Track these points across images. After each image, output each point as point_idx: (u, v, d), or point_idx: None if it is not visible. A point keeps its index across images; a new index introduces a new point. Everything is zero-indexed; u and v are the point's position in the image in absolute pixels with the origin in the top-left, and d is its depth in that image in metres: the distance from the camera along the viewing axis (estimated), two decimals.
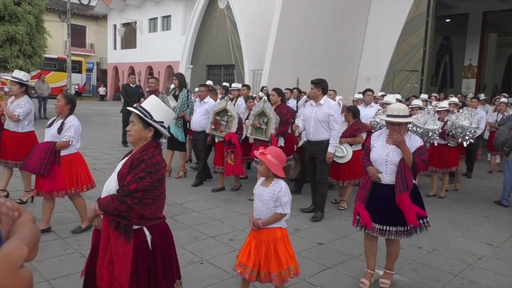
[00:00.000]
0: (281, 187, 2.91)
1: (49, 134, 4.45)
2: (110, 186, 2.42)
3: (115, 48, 29.20)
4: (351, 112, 6.07)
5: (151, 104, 2.51)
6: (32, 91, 17.88)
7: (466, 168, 8.78)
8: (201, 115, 6.87)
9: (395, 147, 3.44)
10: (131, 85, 10.11)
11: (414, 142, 3.49)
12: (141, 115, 2.43)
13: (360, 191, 3.62)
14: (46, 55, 16.62)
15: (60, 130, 4.39)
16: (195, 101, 7.37)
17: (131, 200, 2.25)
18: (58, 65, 25.71)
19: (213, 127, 6.57)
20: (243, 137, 6.58)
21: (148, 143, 2.45)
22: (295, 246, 4.50)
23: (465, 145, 6.63)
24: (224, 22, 16.97)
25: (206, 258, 4.10)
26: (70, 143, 4.43)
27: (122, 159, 2.55)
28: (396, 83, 13.87)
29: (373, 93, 7.85)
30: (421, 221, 3.53)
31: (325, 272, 3.96)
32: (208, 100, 6.96)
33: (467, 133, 6.42)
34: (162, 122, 2.50)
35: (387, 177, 3.49)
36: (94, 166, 7.65)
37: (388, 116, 3.46)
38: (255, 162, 6.09)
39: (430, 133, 6.17)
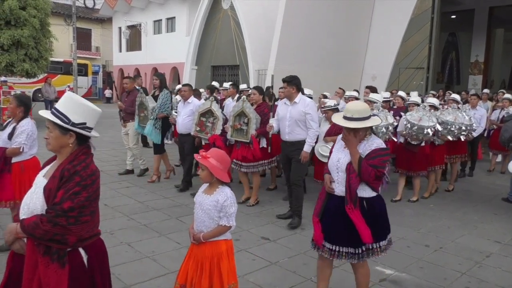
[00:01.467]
0: (227, 195, 2.59)
1: (0, 139, 4.07)
2: (33, 204, 2.01)
3: (120, 51, 29.37)
4: (337, 110, 5.84)
5: (66, 104, 2.09)
6: (39, 95, 18.04)
7: (462, 168, 8.50)
8: (186, 116, 6.51)
9: (348, 151, 2.96)
10: (137, 87, 10.11)
11: (370, 144, 2.92)
12: (54, 120, 2.04)
13: (317, 202, 3.16)
14: (52, 59, 16.72)
15: (11, 135, 4.01)
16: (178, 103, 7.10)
17: (66, 220, 1.89)
18: (64, 68, 25.87)
19: (198, 128, 6.30)
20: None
21: (77, 150, 2.08)
22: (302, 245, 4.52)
23: (462, 139, 6.48)
24: (228, 22, 16.98)
25: None
26: (21, 150, 4.02)
27: (42, 168, 2.20)
28: (401, 81, 13.79)
29: (371, 90, 7.68)
30: (373, 245, 2.95)
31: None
32: (192, 100, 6.62)
33: (453, 129, 6.25)
34: (84, 124, 2.10)
35: (339, 187, 2.98)
36: (101, 168, 7.68)
37: (344, 118, 2.94)
38: (238, 166, 5.94)
39: (425, 130, 5.96)
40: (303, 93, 5.29)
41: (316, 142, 5.35)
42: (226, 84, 9.02)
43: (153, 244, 4.39)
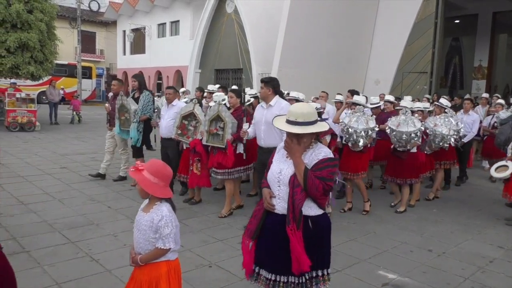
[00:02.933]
0: (162, 215, 2.33)
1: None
2: None
3: (124, 54, 29.53)
4: (320, 114, 5.45)
5: None
6: (43, 97, 18.17)
7: (458, 176, 8.14)
8: (170, 120, 6.20)
9: (291, 162, 2.52)
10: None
11: (317, 153, 2.50)
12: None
13: (250, 221, 2.69)
14: (57, 61, 16.85)
15: None
16: (162, 105, 6.85)
17: None
18: (69, 71, 26.01)
19: (179, 132, 6.00)
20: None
21: None
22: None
23: (452, 144, 6.34)
24: (232, 26, 17.04)
25: (215, 261, 4.12)
26: None
27: None
28: (405, 85, 13.80)
29: (352, 94, 7.42)
30: (318, 272, 2.53)
31: (334, 275, 3.94)
32: (177, 103, 6.33)
33: (447, 140, 6.16)
34: None
35: (280, 203, 2.51)
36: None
37: (287, 121, 2.52)
38: (214, 173, 5.63)
39: (404, 136, 5.66)
40: (281, 96, 5.08)
41: None
42: (213, 87, 8.47)
43: None
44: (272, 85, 4.83)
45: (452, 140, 6.23)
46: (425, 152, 6.27)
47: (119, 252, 4.24)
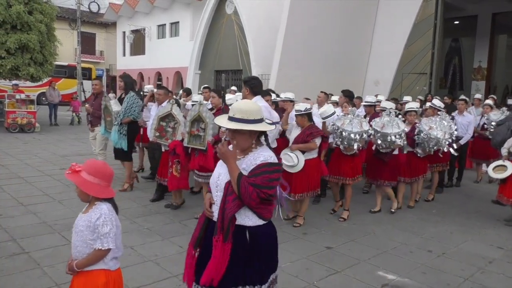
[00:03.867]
0: (100, 212, 2.19)
1: None
2: None
3: (124, 55, 29.55)
4: (306, 115, 5.18)
5: None
6: (43, 98, 18.18)
7: (448, 178, 7.96)
8: None
9: (239, 163, 2.30)
10: (141, 92, 10.03)
11: (256, 157, 2.26)
12: None
13: (195, 229, 2.48)
14: (57, 63, 16.87)
15: None
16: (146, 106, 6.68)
17: None
18: (69, 72, 26.01)
19: (157, 133, 5.84)
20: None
21: None
22: (304, 250, 4.53)
23: (445, 150, 6.12)
24: (232, 27, 17.05)
25: None
26: None
27: None
28: (404, 86, 13.81)
29: (345, 95, 7.08)
30: None
31: (334, 276, 3.95)
32: (165, 104, 6.08)
33: (442, 144, 5.99)
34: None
35: (218, 210, 2.31)
36: None
37: (228, 118, 2.30)
38: (196, 175, 5.50)
39: (389, 138, 5.47)
40: (269, 97, 4.97)
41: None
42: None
43: (156, 247, 4.41)
44: (249, 85, 4.59)
45: (445, 144, 6.02)
46: (418, 155, 6.17)
47: None
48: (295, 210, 5.50)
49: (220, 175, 2.32)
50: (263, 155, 2.26)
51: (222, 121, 2.32)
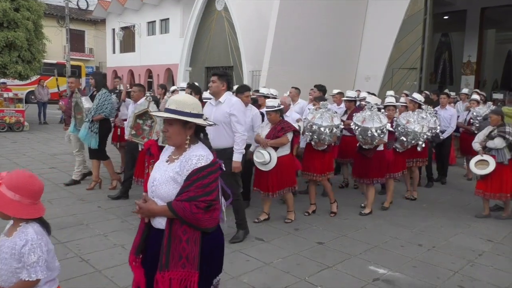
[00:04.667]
0: (26, 239, 1.88)
1: None
2: None
3: (114, 52, 29.28)
4: (279, 111, 5.11)
5: None
6: (32, 97, 17.97)
7: (438, 173, 7.93)
8: None
9: (173, 167, 2.15)
10: (116, 89, 9.66)
11: (188, 158, 2.11)
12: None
13: (136, 233, 2.33)
14: (46, 61, 16.67)
15: None
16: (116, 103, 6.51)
17: None
18: (58, 70, 25.73)
19: (133, 132, 5.66)
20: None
21: None
22: (296, 246, 4.54)
23: (419, 149, 5.99)
24: (222, 24, 16.97)
25: None
26: None
27: None
28: (395, 81, 13.86)
29: (319, 89, 7.20)
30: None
31: (325, 271, 3.96)
32: (142, 101, 5.92)
33: (420, 138, 5.89)
34: None
35: (157, 217, 2.17)
36: None
37: (165, 109, 2.20)
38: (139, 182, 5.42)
39: (370, 132, 5.32)
40: (248, 92, 4.89)
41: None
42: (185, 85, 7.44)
43: None
44: (226, 79, 4.40)
45: (423, 139, 5.92)
46: (397, 150, 6.05)
47: (109, 252, 4.22)
48: (265, 212, 5.34)
49: (155, 180, 2.17)
50: (195, 155, 2.10)
51: (157, 112, 2.20)
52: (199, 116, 2.19)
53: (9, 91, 13.95)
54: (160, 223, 2.14)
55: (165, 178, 2.12)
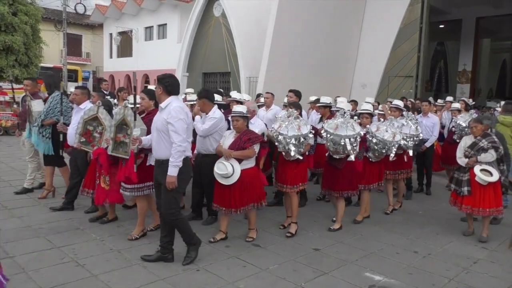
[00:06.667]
0: None
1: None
2: None
3: (111, 57, 29.30)
4: (246, 118, 4.74)
5: None
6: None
7: (419, 183, 7.69)
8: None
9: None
10: (105, 92, 9.30)
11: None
12: None
13: None
14: (42, 64, 16.67)
15: None
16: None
17: None
18: (54, 74, 25.71)
19: (83, 139, 5.24)
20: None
21: None
22: (292, 252, 4.55)
23: (390, 159, 5.58)
24: (220, 30, 17.04)
25: (202, 265, 4.10)
26: None
27: None
28: (391, 89, 13.95)
29: (295, 94, 6.95)
30: None
31: (321, 277, 3.97)
32: (86, 105, 5.56)
33: (391, 147, 5.48)
34: None
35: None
36: None
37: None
38: (122, 188, 4.72)
39: (342, 141, 4.91)
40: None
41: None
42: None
43: (143, 251, 4.37)
44: (163, 83, 3.99)
45: (395, 148, 5.53)
46: (370, 159, 5.63)
47: (105, 256, 4.21)
48: (222, 230, 4.81)
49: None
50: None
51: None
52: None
53: (5, 94, 13.93)
54: None
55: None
